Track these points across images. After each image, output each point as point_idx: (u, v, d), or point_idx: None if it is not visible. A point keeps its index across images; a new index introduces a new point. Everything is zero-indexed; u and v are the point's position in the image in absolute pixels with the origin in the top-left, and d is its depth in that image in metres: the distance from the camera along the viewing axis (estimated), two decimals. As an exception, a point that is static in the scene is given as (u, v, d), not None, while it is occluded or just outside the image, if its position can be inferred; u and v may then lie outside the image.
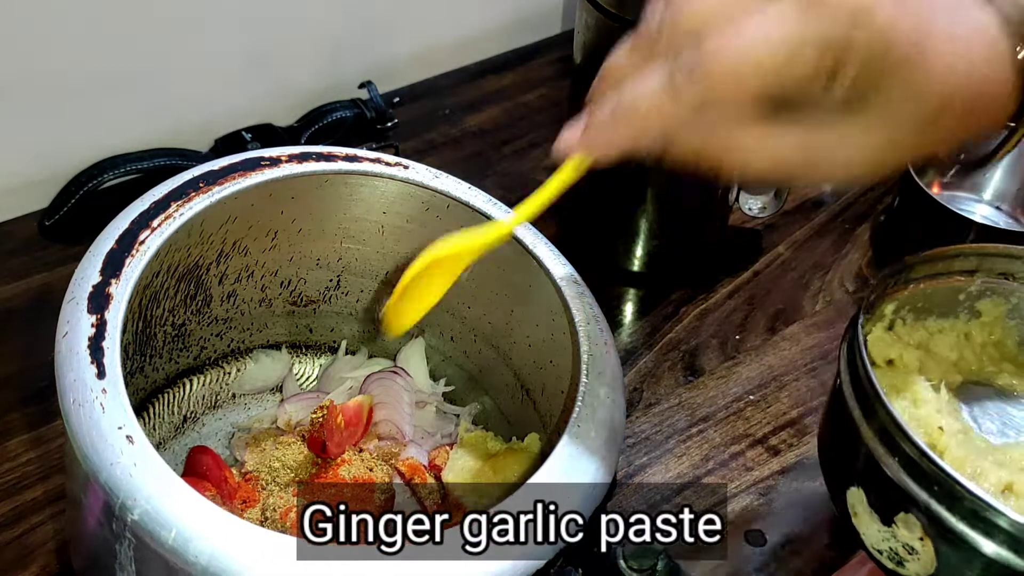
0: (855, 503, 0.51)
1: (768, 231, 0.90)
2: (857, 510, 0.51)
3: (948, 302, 0.61)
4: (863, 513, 0.50)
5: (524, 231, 0.59)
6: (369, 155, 0.61)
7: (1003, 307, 0.61)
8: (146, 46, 0.84)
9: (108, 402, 0.44)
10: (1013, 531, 0.44)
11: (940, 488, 0.46)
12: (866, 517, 0.50)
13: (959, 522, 0.45)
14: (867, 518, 0.50)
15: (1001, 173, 0.91)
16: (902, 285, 0.59)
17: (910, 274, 0.59)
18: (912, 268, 0.59)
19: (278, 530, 0.56)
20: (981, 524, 0.45)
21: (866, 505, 0.50)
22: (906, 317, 0.60)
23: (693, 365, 0.78)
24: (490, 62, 1.08)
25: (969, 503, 0.45)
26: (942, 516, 0.46)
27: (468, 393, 0.69)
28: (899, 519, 0.48)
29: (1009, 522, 0.44)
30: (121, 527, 0.43)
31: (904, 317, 0.60)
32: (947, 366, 0.60)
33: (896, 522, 0.48)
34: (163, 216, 0.53)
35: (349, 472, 0.60)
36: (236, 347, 0.67)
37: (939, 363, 0.60)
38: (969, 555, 0.46)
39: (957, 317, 0.61)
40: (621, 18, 0.70)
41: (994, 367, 0.61)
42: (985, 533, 0.45)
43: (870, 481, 0.50)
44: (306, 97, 0.95)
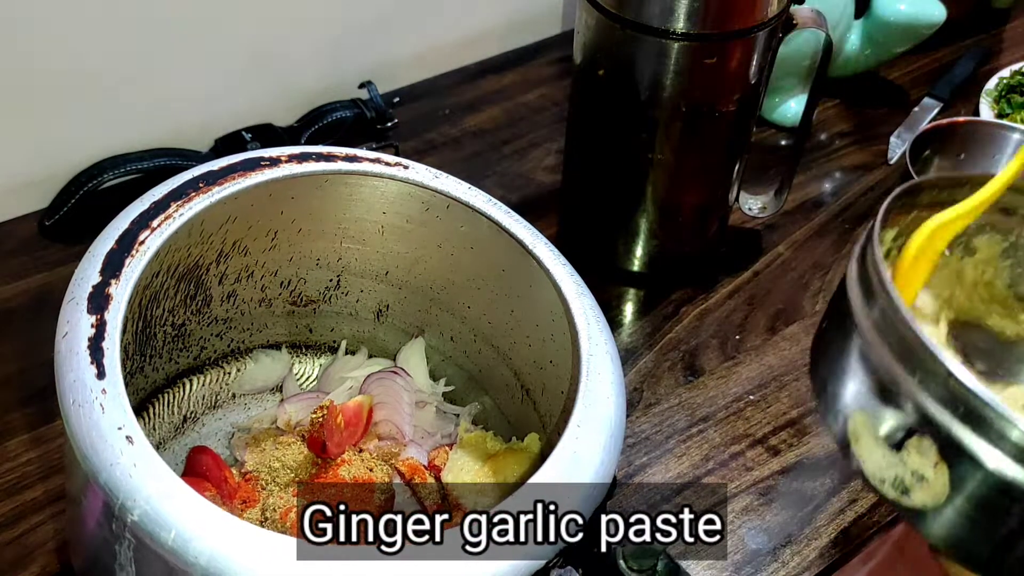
0: (858, 429, 0.47)
1: (768, 231, 0.90)
2: (861, 436, 0.47)
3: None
4: (867, 439, 0.46)
5: (524, 231, 0.59)
6: (369, 155, 0.61)
7: (999, 245, 0.57)
8: (146, 46, 0.84)
9: (108, 402, 0.44)
10: None
11: (966, 408, 0.42)
12: (870, 443, 0.46)
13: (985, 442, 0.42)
14: (871, 444, 0.46)
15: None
16: (907, 210, 0.54)
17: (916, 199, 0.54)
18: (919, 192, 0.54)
19: (278, 530, 0.56)
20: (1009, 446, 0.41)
21: (872, 431, 0.46)
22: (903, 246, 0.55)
23: (693, 365, 0.78)
24: (490, 62, 1.08)
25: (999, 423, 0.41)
26: (963, 440, 0.42)
27: (468, 393, 0.69)
28: (911, 444, 0.44)
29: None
30: (121, 528, 0.43)
31: (901, 246, 0.55)
32: (941, 301, 0.56)
33: (907, 447, 0.44)
34: (163, 216, 0.53)
35: (349, 472, 0.60)
36: (236, 347, 0.67)
37: (934, 298, 0.56)
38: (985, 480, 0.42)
39: (951, 252, 0.56)
40: (621, 18, 0.70)
41: (984, 307, 0.58)
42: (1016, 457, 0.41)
43: (881, 405, 0.46)
44: (306, 97, 0.95)
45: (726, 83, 0.73)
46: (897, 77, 1.10)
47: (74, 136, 0.84)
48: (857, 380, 0.47)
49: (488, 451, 0.61)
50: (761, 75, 0.74)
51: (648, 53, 0.71)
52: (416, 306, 0.68)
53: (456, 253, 0.64)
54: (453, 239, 0.63)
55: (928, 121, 1.03)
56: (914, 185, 0.53)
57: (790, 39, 0.74)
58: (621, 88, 0.73)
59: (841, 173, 0.98)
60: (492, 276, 0.63)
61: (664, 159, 0.76)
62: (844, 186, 0.96)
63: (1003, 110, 1.02)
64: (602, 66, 0.74)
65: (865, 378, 0.46)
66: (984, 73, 1.09)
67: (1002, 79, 1.05)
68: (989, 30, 1.20)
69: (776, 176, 0.86)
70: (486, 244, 0.61)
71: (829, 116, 1.05)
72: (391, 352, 0.70)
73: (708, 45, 0.70)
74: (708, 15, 0.68)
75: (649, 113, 0.73)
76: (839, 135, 1.02)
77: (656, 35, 0.69)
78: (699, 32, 0.69)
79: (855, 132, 1.03)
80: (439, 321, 0.68)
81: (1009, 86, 1.04)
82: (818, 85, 0.79)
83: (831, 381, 0.50)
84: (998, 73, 1.06)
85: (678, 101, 0.73)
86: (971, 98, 1.06)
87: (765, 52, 0.73)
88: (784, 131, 1.01)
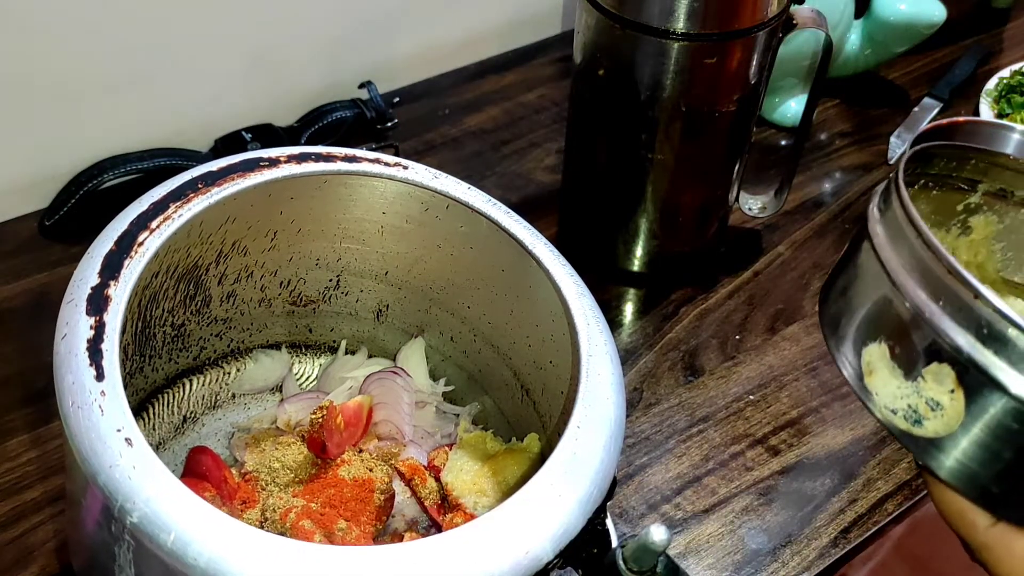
0: (874, 360, 0.47)
1: (768, 231, 0.90)
2: (875, 367, 0.47)
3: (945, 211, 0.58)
4: (882, 369, 0.47)
5: (524, 231, 0.59)
6: (368, 155, 0.61)
7: (993, 227, 0.58)
8: (146, 46, 0.84)
9: (107, 404, 0.44)
10: None
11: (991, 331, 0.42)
12: (885, 373, 0.47)
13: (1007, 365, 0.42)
14: (886, 375, 0.47)
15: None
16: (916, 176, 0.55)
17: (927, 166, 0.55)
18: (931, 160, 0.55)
19: (277, 531, 0.56)
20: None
21: (888, 360, 0.46)
22: None
23: (693, 365, 0.78)
24: (490, 62, 1.08)
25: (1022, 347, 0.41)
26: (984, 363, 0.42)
27: (468, 393, 0.69)
28: (929, 371, 0.45)
29: None
30: (120, 529, 0.43)
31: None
32: None
33: (924, 375, 0.45)
34: (162, 217, 0.53)
35: (349, 472, 0.60)
36: (236, 347, 0.67)
37: None
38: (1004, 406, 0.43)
39: (948, 231, 0.58)
40: (621, 18, 0.70)
41: None
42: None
43: (898, 332, 0.46)
44: (306, 97, 0.95)
45: (726, 83, 0.73)
46: (897, 77, 1.10)
47: (74, 136, 0.84)
48: (875, 312, 0.47)
49: (488, 451, 0.61)
50: (761, 75, 0.74)
51: (648, 53, 0.71)
52: (416, 306, 0.68)
53: (456, 253, 0.64)
54: (453, 239, 0.63)
55: (928, 121, 1.03)
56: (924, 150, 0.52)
57: (790, 39, 0.74)
58: (621, 88, 0.73)
59: (841, 173, 0.98)
60: (492, 276, 0.63)
61: (664, 159, 0.76)
62: (844, 186, 0.96)
63: (1003, 110, 1.02)
64: (602, 66, 0.74)
65: (884, 309, 0.46)
66: (984, 73, 1.09)
67: (1002, 79, 1.05)
68: (989, 30, 1.20)
69: (776, 176, 0.86)
70: (486, 244, 0.61)
71: (829, 116, 1.05)
72: (391, 352, 0.70)
73: (708, 45, 0.70)
74: (708, 15, 0.68)
75: (649, 113, 0.73)
76: (839, 135, 1.02)
77: (656, 35, 0.69)
78: (699, 32, 0.69)
79: (855, 132, 1.03)
80: (439, 321, 0.68)
81: (1009, 86, 1.03)
82: (818, 85, 0.78)
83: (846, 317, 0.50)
84: (998, 73, 1.06)
85: (678, 101, 0.72)
86: (971, 98, 1.06)
87: (765, 52, 0.73)
88: (784, 131, 1.01)
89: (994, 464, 0.44)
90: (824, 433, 0.73)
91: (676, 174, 0.78)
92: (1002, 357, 0.42)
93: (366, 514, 0.59)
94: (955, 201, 0.57)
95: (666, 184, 0.79)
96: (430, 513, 0.60)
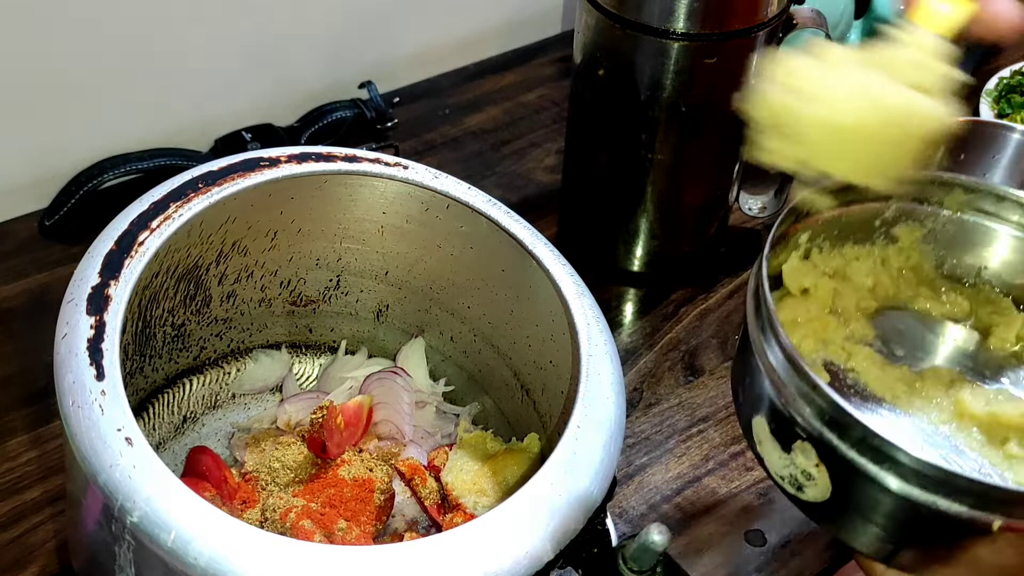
0: (759, 432, 0.52)
1: (768, 231, 0.90)
2: (761, 438, 0.52)
3: (864, 228, 0.60)
4: (766, 441, 0.51)
5: (524, 231, 0.59)
6: (369, 155, 0.61)
7: (918, 232, 0.60)
8: (146, 46, 0.84)
9: (107, 404, 0.44)
10: (900, 459, 0.45)
11: (831, 419, 0.47)
12: (769, 445, 0.51)
13: (849, 450, 0.46)
14: (770, 446, 0.51)
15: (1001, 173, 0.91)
16: (816, 213, 0.58)
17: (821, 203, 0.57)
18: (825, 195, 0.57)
19: (278, 531, 0.56)
20: (870, 452, 0.46)
21: (768, 433, 0.51)
22: (822, 245, 0.59)
23: (693, 365, 0.78)
24: (490, 62, 1.08)
25: (858, 433, 0.46)
26: (834, 444, 0.47)
27: (468, 393, 0.69)
28: (797, 446, 0.49)
29: (897, 451, 0.45)
30: (120, 529, 0.43)
31: (820, 245, 0.59)
32: (863, 292, 0.60)
33: (795, 449, 0.49)
34: (162, 217, 0.53)
35: (349, 472, 0.60)
36: (236, 347, 0.67)
37: (855, 290, 0.59)
38: (860, 481, 0.47)
39: (874, 243, 0.60)
40: (621, 18, 0.70)
41: (911, 291, 0.60)
42: (874, 460, 0.46)
43: (771, 410, 0.51)
44: (306, 97, 0.95)
45: (726, 83, 0.73)
46: (897, 77, 1.10)
47: (74, 136, 0.84)
48: (756, 390, 0.52)
49: (488, 451, 0.61)
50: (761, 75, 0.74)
51: (648, 53, 0.71)
52: (416, 306, 0.68)
53: (456, 253, 0.64)
54: (453, 239, 0.63)
55: (928, 121, 1.02)
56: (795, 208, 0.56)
57: (790, 39, 0.74)
58: (621, 88, 0.73)
59: (841, 173, 0.98)
60: (492, 276, 0.63)
61: (664, 159, 0.76)
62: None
63: (1003, 110, 1.02)
64: (602, 66, 0.74)
65: (760, 389, 0.51)
66: (984, 73, 1.09)
67: (1002, 79, 1.05)
68: (989, 30, 1.19)
69: (776, 176, 0.86)
70: (486, 244, 0.61)
71: (829, 116, 1.04)
72: (391, 352, 0.70)
73: (708, 45, 0.70)
74: (708, 15, 0.68)
75: (649, 113, 0.73)
76: (839, 135, 1.02)
77: (656, 35, 0.69)
78: (699, 32, 0.69)
79: (855, 132, 1.03)
80: (439, 321, 0.68)
81: (1009, 86, 1.03)
82: (818, 85, 0.78)
83: (740, 390, 0.55)
84: (998, 73, 1.06)
85: (678, 101, 0.72)
86: (971, 98, 1.06)
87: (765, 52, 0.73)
88: (784, 131, 1.01)
89: (868, 525, 0.48)
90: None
91: (676, 174, 0.78)
92: (845, 440, 0.46)
93: (366, 514, 0.59)
94: (870, 217, 0.59)
95: (666, 184, 0.79)
96: (430, 513, 0.60)
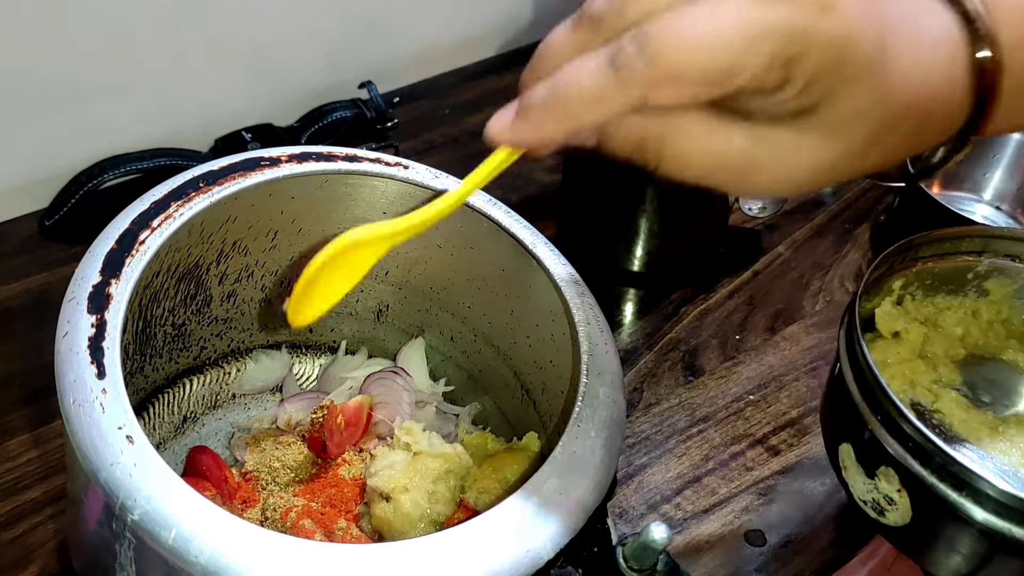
0: (845, 458, 0.55)
1: (768, 231, 0.90)
2: (846, 464, 0.55)
3: (957, 280, 0.64)
4: (851, 467, 0.55)
5: (524, 231, 0.59)
6: (369, 155, 0.61)
7: (1010, 287, 0.63)
8: (146, 46, 0.84)
9: (108, 402, 0.44)
10: (980, 487, 0.48)
11: (913, 445, 0.50)
12: (854, 471, 0.54)
13: (930, 476, 0.49)
14: (854, 472, 0.54)
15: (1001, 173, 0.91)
16: (909, 263, 0.62)
17: (917, 253, 0.62)
18: (919, 247, 0.61)
19: (278, 530, 0.56)
20: (949, 479, 0.49)
21: (854, 459, 0.54)
22: (915, 293, 0.63)
23: (693, 365, 0.78)
24: (490, 62, 1.08)
25: (939, 460, 0.49)
26: (915, 470, 0.50)
27: (468, 393, 0.69)
28: (880, 472, 0.52)
29: (976, 478, 0.48)
30: (121, 527, 0.43)
31: (913, 293, 0.63)
32: (953, 340, 0.63)
33: (878, 475, 0.52)
34: (163, 216, 0.53)
35: (349, 472, 0.60)
36: (236, 347, 0.67)
37: (945, 337, 0.63)
38: (940, 506, 0.50)
39: (966, 295, 0.64)
40: (621, 18, 0.70)
41: (1000, 343, 0.63)
42: (953, 487, 0.49)
43: (857, 437, 0.54)
44: (306, 97, 0.95)
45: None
46: (897, 77, 1.10)
47: (74, 136, 0.84)
48: (845, 419, 0.55)
49: (488, 451, 0.61)
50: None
51: (648, 53, 0.71)
52: (416, 306, 0.68)
53: (456, 253, 0.64)
54: (453, 239, 0.63)
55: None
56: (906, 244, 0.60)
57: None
58: (621, 88, 0.73)
59: (841, 173, 0.98)
60: (492, 276, 0.63)
61: (664, 159, 0.76)
62: (844, 186, 0.96)
63: (1003, 110, 1.02)
64: (602, 66, 0.74)
65: (849, 418, 0.54)
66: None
67: (1002, 79, 1.05)
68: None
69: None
70: (486, 244, 0.61)
71: (829, 116, 1.05)
72: (391, 352, 0.70)
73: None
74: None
75: (649, 113, 0.73)
76: (839, 135, 1.02)
77: (656, 35, 0.69)
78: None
79: (855, 132, 1.03)
80: (439, 321, 0.68)
81: (1009, 86, 1.03)
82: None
83: (830, 419, 0.59)
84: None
85: (678, 101, 0.72)
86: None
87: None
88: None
89: (951, 554, 0.51)
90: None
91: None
92: (927, 468, 0.50)
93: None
94: (963, 270, 0.63)
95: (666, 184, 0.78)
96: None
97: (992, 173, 0.91)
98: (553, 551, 0.45)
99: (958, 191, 0.92)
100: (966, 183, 0.92)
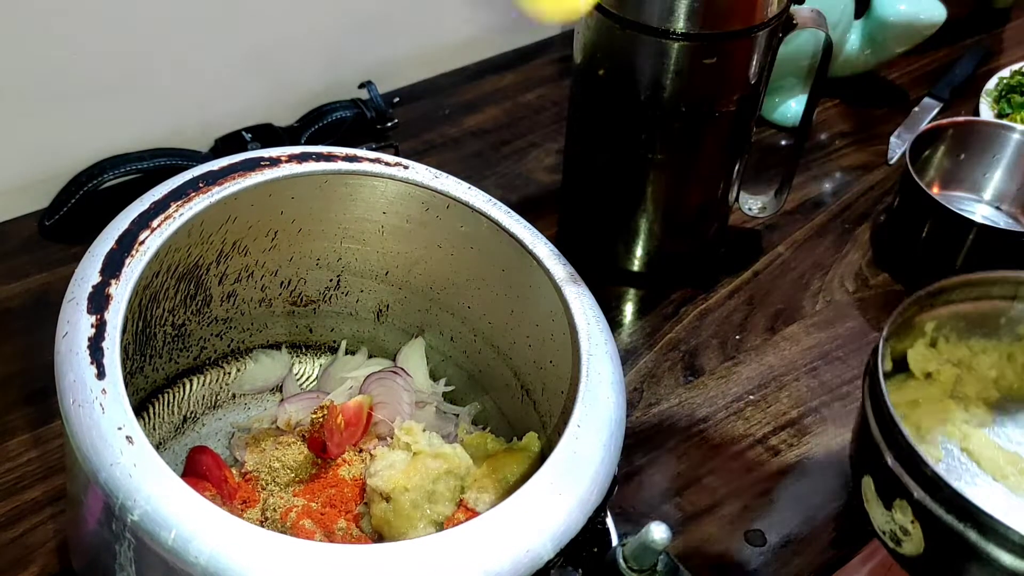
0: (867, 489, 0.59)
1: (768, 231, 0.90)
2: (868, 496, 0.59)
3: (989, 324, 0.67)
4: (872, 498, 0.58)
5: (524, 231, 0.59)
6: (369, 155, 0.61)
7: None
8: (146, 46, 0.84)
9: (108, 402, 0.44)
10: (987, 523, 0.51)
11: (924, 479, 0.53)
12: (874, 503, 0.58)
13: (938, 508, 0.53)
14: (874, 503, 0.58)
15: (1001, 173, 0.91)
16: (940, 305, 0.65)
17: (949, 296, 0.65)
18: (950, 292, 0.64)
19: (278, 530, 0.56)
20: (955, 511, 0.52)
21: (873, 491, 0.58)
22: (948, 335, 0.66)
23: (693, 365, 0.78)
24: (490, 62, 1.08)
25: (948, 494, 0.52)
26: (926, 504, 0.53)
27: (468, 393, 0.69)
28: (896, 504, 0.56)
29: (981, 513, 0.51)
30: (121, 527, 0.43)
31: (947, 335, 0.66)
32: (986, 382, 0.66)
33: (894, 507, 0.56)
34: (163, 216, 0.53)
35: (349, 472, 0.60)
36: (236, 347, 0.67)
37: (978, 379, 0.66)
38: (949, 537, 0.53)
39: (1000, 339, 0.67)
40: (621, 18, 0.70)
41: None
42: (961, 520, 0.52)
43: (876, 471, 0.58)
44: (306, 97, 0.95)
45: (726, 83, 0.73)
46: (897, 77, 1.10)
47: (74, 136, 0.84)
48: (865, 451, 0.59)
49: (488, 451, 0.61)
50: (761, 75, 0.74)
51: (648, 53, 0.71)
52: (416, 306, 0.68)
53: (456, 253, 0.64)
54: (453, 239, 0.63)
55: (928, 121, 1.03)
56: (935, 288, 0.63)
57: (790, 39, 0.74)
58: (621, 88, 0.73)
59: (841, 173, 0.98)
60: (492, 276, 0.63)
61: (664, 159, 0.76)
62: (844, 186, 0.96)
63: (1003, 110, 1.02)
64: (602, 66, 0.74)
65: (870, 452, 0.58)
66: (984, 73, 1.09)
67: (1002, 79, 1.05)
68: (989, 30, 1.20)
69: (776, 176, 0.86)
70: (486, 244, 0.61)
71: (829, 116, 1.05)
72: (391, 352, 0.70)
73: (708, 45, 0.70)
74: (708, 15, 0.68)
75: (649, 113, 0.73)
76: (839, 135, 1.02)
77: (656, 35, 0.69)
78: (699, 32, 0.69)
79: (855, 132, 1.03)
80: (439, 321, 0.68)
81: (1009, 86, 1.04)
82: (818, 85, 0.79)
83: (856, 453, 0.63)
84: (998, 73, 1.06)
85: (678, 101, 0.72)
86: (971, 98, 1.06)
87: (765, 52, 0.73)
88: (784, 131, 1.01)
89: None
90: (824, 433, 0.73)
91: (676, 174, 0.78)
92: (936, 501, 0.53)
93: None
94: (996, 314, 0.66)
95: (666, 184, 0.79)
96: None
97: (992, 173, 0.91)
98: (553, 551, 0.45)
99: (958, 191, 0.92)
100: (966, 183, 0.91)
